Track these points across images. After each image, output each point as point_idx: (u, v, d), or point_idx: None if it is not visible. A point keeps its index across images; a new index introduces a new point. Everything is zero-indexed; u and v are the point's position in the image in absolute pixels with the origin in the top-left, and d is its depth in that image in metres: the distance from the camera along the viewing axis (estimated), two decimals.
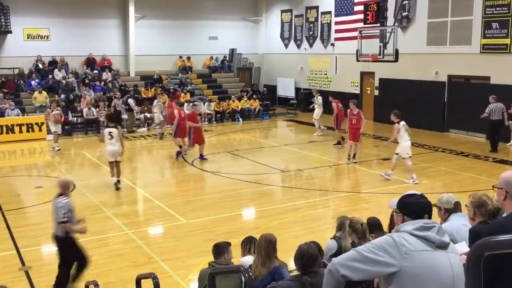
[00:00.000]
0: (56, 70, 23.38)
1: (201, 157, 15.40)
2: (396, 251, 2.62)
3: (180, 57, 26.73)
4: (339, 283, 2.70)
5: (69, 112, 20.84)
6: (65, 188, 7.15)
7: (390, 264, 2.61)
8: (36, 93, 21.46)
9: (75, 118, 20.98)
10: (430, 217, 2.80)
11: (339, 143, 17.35)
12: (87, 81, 23.43)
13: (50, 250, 8.94)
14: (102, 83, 23.75)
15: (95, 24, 24.75)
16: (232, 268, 5.11)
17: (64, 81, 22.79)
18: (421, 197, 2.91)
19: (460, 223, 4.67)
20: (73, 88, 22.93)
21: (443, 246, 2.70)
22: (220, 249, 5.58)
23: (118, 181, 12.40)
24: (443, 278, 2.64)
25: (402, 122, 12.43)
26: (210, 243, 8.38)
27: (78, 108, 21.49)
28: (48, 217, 10.48)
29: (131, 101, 21.31)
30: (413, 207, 2.85)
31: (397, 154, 12.67)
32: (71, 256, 6.98)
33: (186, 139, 15.87)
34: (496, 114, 15.81)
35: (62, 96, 21.83)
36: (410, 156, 12.61)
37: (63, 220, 6.79)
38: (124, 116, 20.81)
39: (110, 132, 12.17)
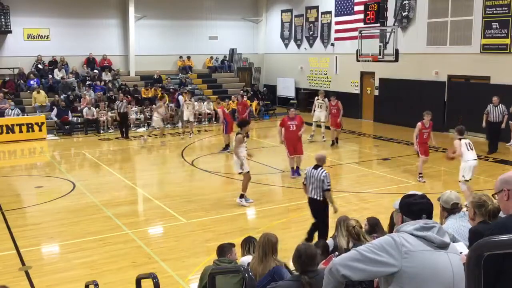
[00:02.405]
0: (56, 70, 23.39)
1: (295, 170, 13.53)
2: (396, 251, 2.62)
3: (180, 57, 26.73)
4: (339, 283, 2.70)
5: (69, 112, 20.86)
6: (323, 161, 8.44)
7: (390, 264, 2.61)
8: (34, 93, 21.46)
9: (75, 118, 20.99)
10: (429, 218, 2.79)
11: (335, 142, 17.50)
12: (88, 82, 23.43)
13: (51, 250, 8.97)
14: (102, 83, 23.77)
15: (95, 24, 24.76)
16: (233, 267, 5.11)
17: (65, 80, 22.74)
18: (421, 198, 2.90)
19: (460, 224, 4.65)
20: (73, 88, 22.93)
21: (443, 246, 2.70)
22: (224, 250, 5.59)
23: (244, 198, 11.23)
24: (443, 278, 2.64)
25: (465, 140, 10.77)
26: (210, 243, 8.42)
27: (78, 108, 21.50)
28: (48, 217, 10.54)
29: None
30: (411, 207, 2.86)
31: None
32: (321, 216, 8.25)
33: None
34: (494, 116, 15.72)
35: (62, 96, 21.81)
36: (467, 180, 10.61)
37: (329, 188, 8.17)
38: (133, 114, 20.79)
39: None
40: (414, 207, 2.84)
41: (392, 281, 2.65)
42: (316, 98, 18.50)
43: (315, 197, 8.28)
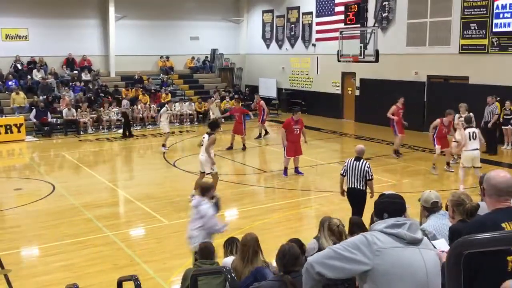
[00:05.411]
0: (35, 71, 23.08)
1: (297, 171, 13.63)
2: (369, 249, 2.69)
3: (161, 57, 26.59)
4: (316, 281, 2.75)
5: (48, 113, 20.59)
6: (363, 153, 8.92)
7: (362, 262, 2.67)
8: (13, 94, 21.15)
9: (55, 119, 20.73)
10: (393, 216, 2.84)
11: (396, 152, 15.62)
12: (71, 83, 23.15)
13: (30, 253, 8.85)
14: (82, 83, 23.52)
15: (75, 24, 24.46)
16: (215, 269, 5.10)
17: (45, 81, 22.43)
18: (386, 197, 3.01)
19: (440, 222, 4.71)
20: (52, 88, 22.64)
21: (415, 242, 2.76)
22: (205, 250, 5.57)
23: (193, 195, 10.86)
24: (416, 274, 2.70)
25: (470, 129, 11.40)
26: None
27: (58, 109, 21.24)
28: (28, 220, 10.39)
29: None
30: (376, 206, 2.98)
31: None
32: (361, 203, 8.67)
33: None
34: (485, 116, 15.65)
35: (41, 97, 21.53)
36: (465, 167, 11.58)
37: (372, 178, 8.70)
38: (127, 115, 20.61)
39: (203, 138, 11.12)
40: (378, 207, 2.95)
41: (366, 279, 2.71)
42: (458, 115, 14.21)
43: (358, 187, 8.73)
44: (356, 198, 8.82)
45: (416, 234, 2.77)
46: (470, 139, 11.27)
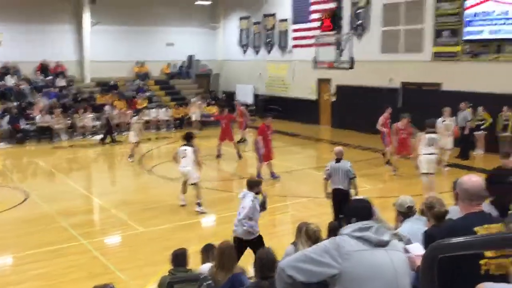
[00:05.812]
0: (8, 76, 22.67)
1: (273, 175, 13.79)
2: (337, 253, 2.75)
3: (137, 63, 26.40)
4: (288, 285, 2.80)
5: (20, 119, 20.23)
6: (342, 154, 9.14)
7: (331, 265, 2.73)
8: None
9: (28, 126, 20.38)
10: (361, 220, 2.93)
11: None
12: (44, 89, 22.79)
13: (3, 262, 8.67)
14: (56, 89, 23.20)
15: (49, 29, 24.11)
16: (191, 276, 5.08)
17: (19, 87, 22.06)
18: (353, 202, 3.23)
19: (415, 227, 4.77)
20: (25, 94, 22.27)
21: (382, 245, 2.83)
22: (179, 257, 5.54)
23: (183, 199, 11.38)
24: (385, 275, 2.76)
25: (431, 135, 11.17)
26: (168, 251, 8.30)
27: (31, 115, 20.89)
28: (0, 228, 10.16)
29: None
30: (345, 211, 3.11)
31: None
32: (345, 203, 8.32)
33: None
34: (459, 122, 15.70)
35: (15, 103, 21.16)
36: (426, 173, 11.09)
37: (355, 176, 9.01)
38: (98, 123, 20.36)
39: (184, 151, 10.97)
40: (347, 212, 3.07)
41: (336, 283, 2.76)
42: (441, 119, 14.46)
43: (342, 187, 9.00)
44: (340, 198, 8.88)
45: (383, 237, 2.84)
46: (428, 145, 11.01)
